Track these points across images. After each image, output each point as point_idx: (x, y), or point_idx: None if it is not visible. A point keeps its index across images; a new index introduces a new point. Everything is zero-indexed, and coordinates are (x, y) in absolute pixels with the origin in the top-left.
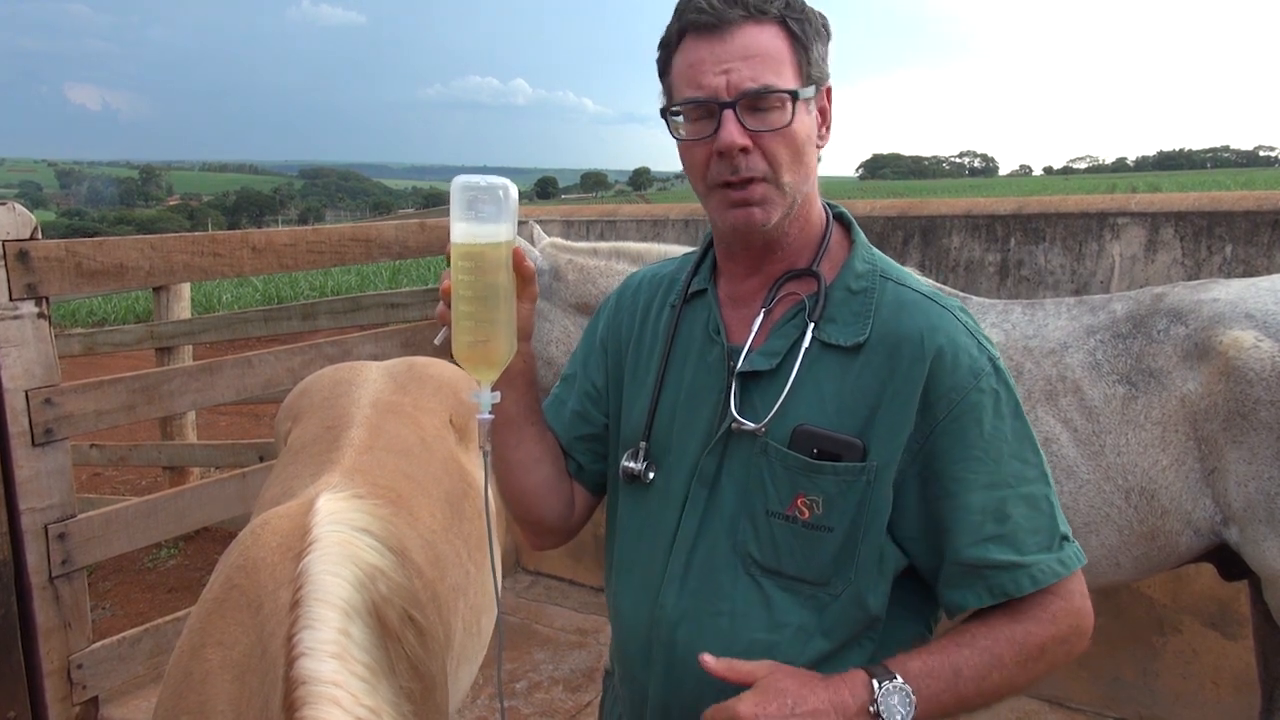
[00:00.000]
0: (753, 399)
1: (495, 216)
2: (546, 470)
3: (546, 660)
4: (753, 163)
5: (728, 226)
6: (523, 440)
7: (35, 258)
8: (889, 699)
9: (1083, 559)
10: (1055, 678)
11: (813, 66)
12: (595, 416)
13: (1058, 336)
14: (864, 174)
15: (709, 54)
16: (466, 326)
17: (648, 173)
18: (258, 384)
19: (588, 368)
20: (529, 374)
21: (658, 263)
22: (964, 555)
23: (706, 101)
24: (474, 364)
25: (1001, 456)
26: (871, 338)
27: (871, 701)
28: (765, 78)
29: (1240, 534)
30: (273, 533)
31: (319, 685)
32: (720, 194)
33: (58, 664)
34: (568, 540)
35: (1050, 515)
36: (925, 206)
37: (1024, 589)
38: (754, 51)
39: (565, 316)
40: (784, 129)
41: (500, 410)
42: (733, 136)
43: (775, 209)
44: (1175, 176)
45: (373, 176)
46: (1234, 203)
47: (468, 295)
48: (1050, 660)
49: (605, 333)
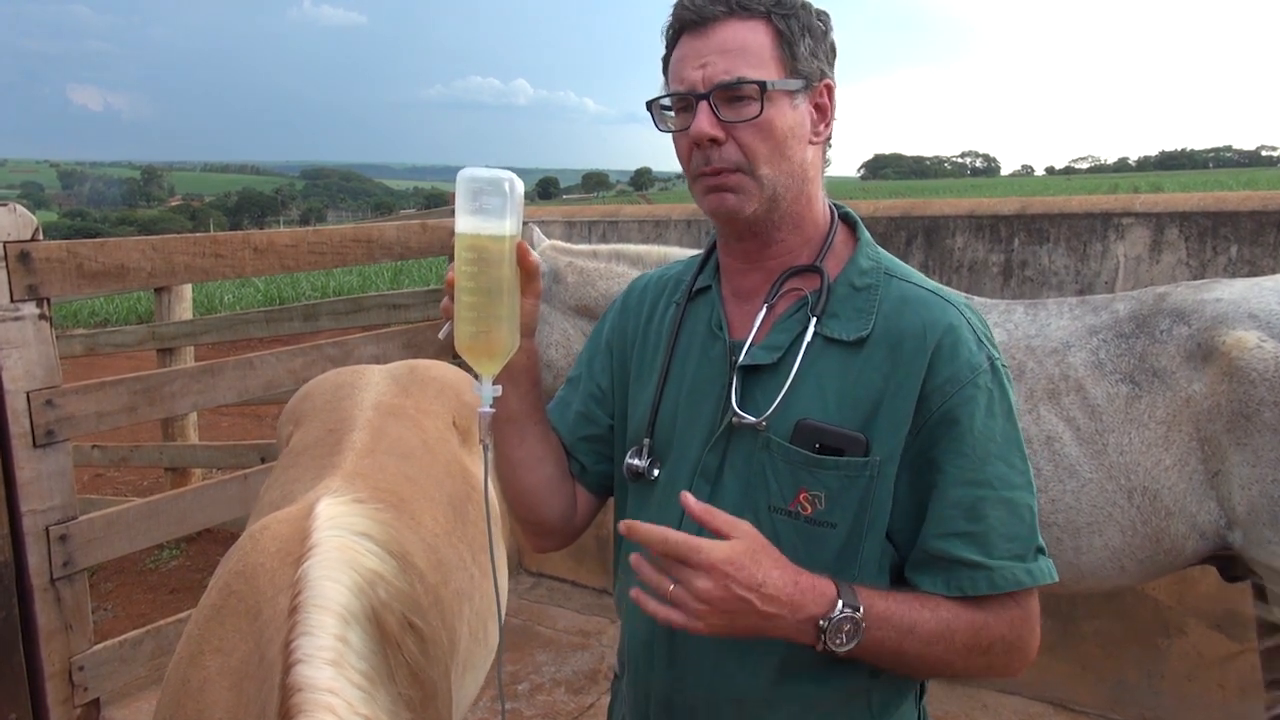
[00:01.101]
0: (754, 394)
1: (499, 210)
2: (549, 470)
3: (548, 662)
4: (725, 153)
5: (707, 211)
6: (525, 438)
7: (36, 259)
8: (841, 625)
9: (1053, 576)
10: (1059, 679)
11: (799, 62)
12: (600, 418)
13: (1060, 336)
14: (866, 174)
15: (691, 49)
16: (469, 318)
17: (649, 173)
18: (259, 385)
19: (593, 369)
20: (533, 371)
21: (664, 265)
22: (930, 545)
23: (684, 94)
24: (475, 355)
25: (987, 456)
26: (875, 332)
27: (825, 617)
28: (739, 70)
29: (1244, 538)
30: (272, 538)
31: (315, 692)
32: (701, 182)
33: (59, 666)
34: (569, 543)
35: (1029, 524)
36: (928, 207)
37: (980, 589)
38: (732, 46)
39: (565, 319)
40: (756, 120)
41: (503, 406)
42: (702, 127)
43: (750, 199)
44: (1177, 176)
45: (374, 177)
46: (1239, 203)
47: (470, 287)
48: (990, 660)
49: (611, 334)
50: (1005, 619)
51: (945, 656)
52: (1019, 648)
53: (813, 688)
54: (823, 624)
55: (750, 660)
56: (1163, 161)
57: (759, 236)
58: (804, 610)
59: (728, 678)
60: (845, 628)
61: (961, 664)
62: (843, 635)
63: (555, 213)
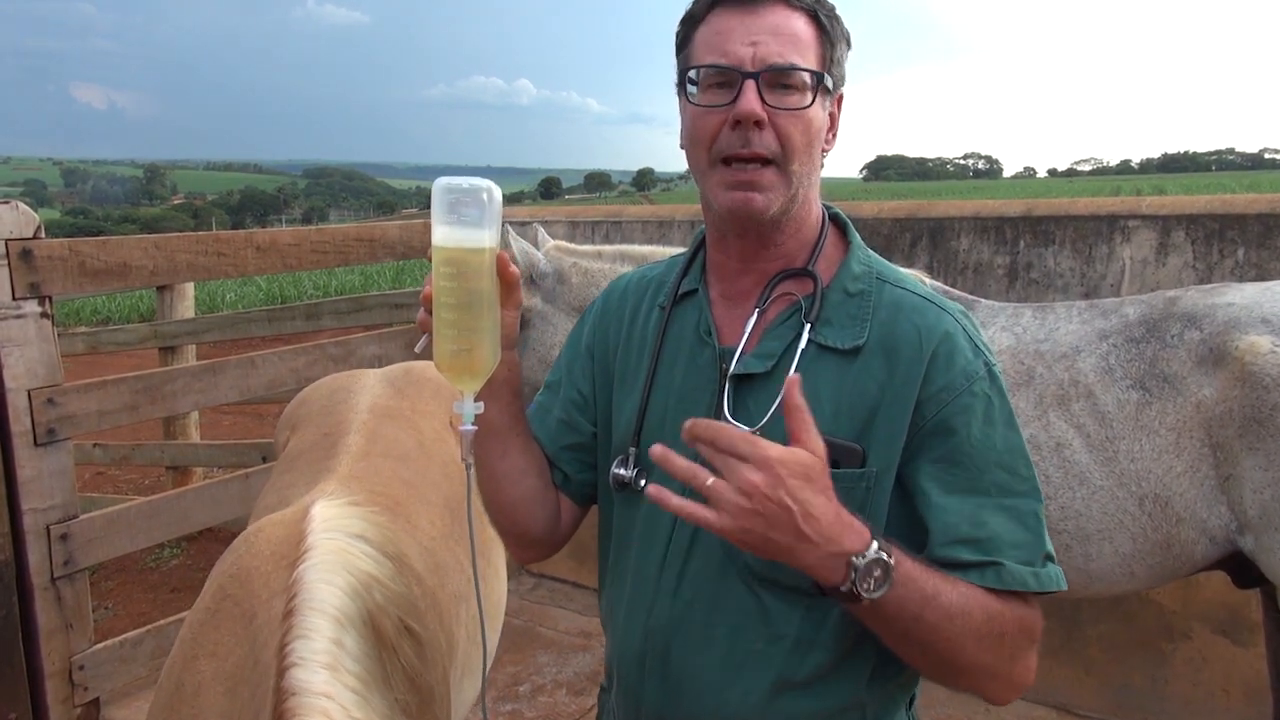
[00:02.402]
0: (746, 403)
1: (478, 220)
2: (532, 481)
3: (550, 663)
4: (765, 139)
5: (725, 208)
6: (508, 451)
7: (39, 257)
8: (872, 568)
9: (1061, 584)
10: (1063, 683)
11: (834, 65)
12: (582, 425)
13: (1070, 341)
14: (868, 175)
15: (739, 24)
16: (448, 335)
17: (651, 173)
18: (261, 384)
19: (573, 374)
20: (514, 383)
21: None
22: (934, 554)
23: (729, 69)
24: (456, 374)
25: (987, 465)
26: (869, 341)
27: (860, 554)
28: (792, 56)
29: (1255, 542)
30: (267, 540)
31: (309, 697)
32: (723, 172)
33: (59, 665)
34: (553, 553)
35: (1036, 532)
36: (933, 208)
37: (988, 583)
38: (785, 30)
39: (569, 320)
40: (803, 111)
41: (484, 420)
42: (751, 105)
43: (777, 196)
44: (1180, 179)
45: (376, 176)
46: (1246, 205)
47: (449, 302)
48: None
49: (591, 338)
50: (1016, 615)
51: (959, 638)
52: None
53: (807, 703)
54: (856, 560)
55: (745, 676)
56: (1165, 164)
57: (762, 236)
58: (839, 544)
59: (721, 694)
60: (875, 572)
61: (972, 651)
62: (872, 580)
63: (558, 213)
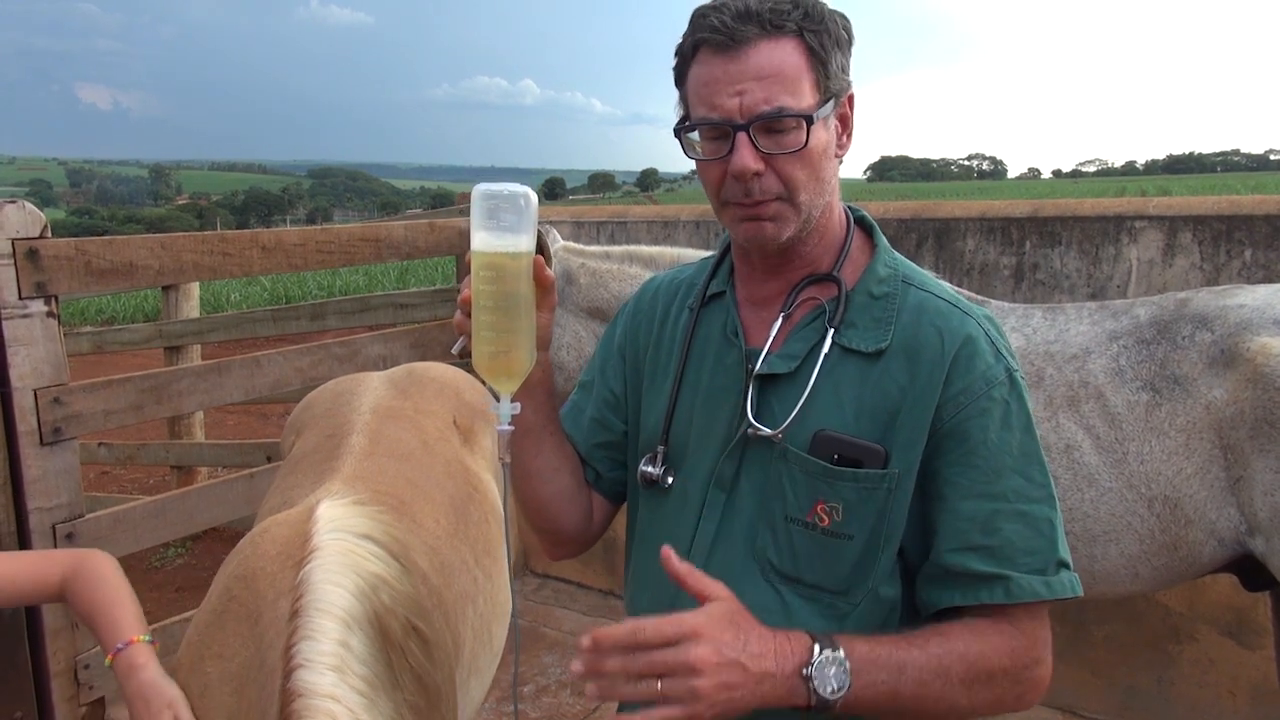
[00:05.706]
0: (770, 402)
1: (516, 226)
2: (565, 479)
3: (554, 664)
4: (766, 185)
5: (741, 238)
6: (542, 449)
7: (45, 256)
8: (824, 668)
9: (1076, 589)
10: (1069, 685)
11: (832, 80)
12: (614, 424)
13: (1080, 342)
14: (872, 176)
15: (723, 73)
16: (487, 337)
17: (655, 174)
18: (266, 384)
19: (606, 374)
20: (548, 383)
21: (675, 267)
22: (944, 559)
23: (720, 124)
24: (494, 375)
25: (1002, 469)
26: (893, 344)
27: (807, 664)
28: (780, 99)
29: (1266, 544)
30: (272, 541)
31: (315, 698)
32: (733, 210)
33: (64, 664)
34: (585, 549)
35: (1050, 538)
36: (939, 209)
37: (996, 598)
38: (768, 71)
39: (577, 321)
40: (799, 151)
41: (519, 420)
42: (745, 161)
43: (788, 225)
44: (1185, 180)
45: (380, 176)
46: (1254, 206)
47: (488, 305)
48: (997, 693)
49: (623, 338)
50: (1007, 645)
51: (946, 694)
52: (1024, 676)
53: None
54: (806, 671)
55: None
56: (1170, 165)
57: (783, 252)
58: (789, 662)
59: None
60: (830, 670)
61: (966, 699)
62: (830, 679)
63: (563, 213)
